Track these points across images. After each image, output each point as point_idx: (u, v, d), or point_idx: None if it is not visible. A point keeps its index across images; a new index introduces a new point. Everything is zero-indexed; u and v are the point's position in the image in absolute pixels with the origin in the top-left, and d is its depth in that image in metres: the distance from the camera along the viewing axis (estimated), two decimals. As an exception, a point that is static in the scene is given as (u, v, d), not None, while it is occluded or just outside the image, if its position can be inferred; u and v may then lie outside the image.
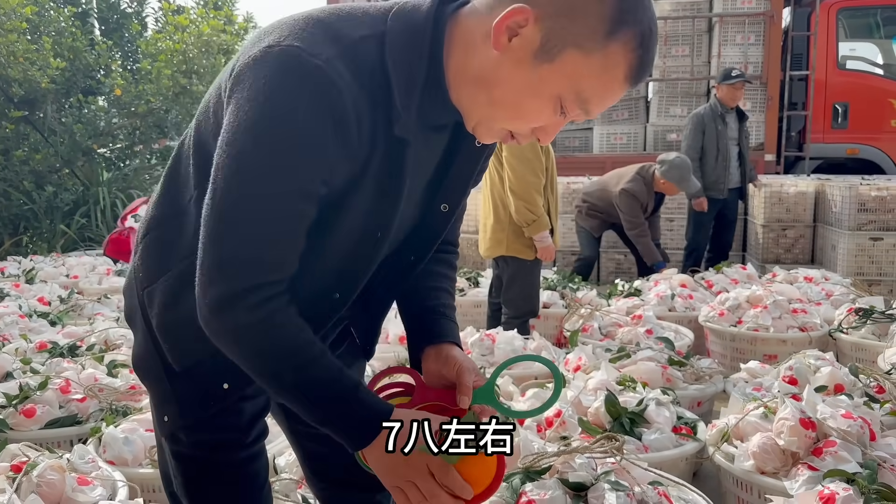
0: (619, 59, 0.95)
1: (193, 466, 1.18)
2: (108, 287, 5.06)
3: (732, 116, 5.55)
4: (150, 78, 8.35)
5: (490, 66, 0.98)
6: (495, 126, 1.04)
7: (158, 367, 1.14)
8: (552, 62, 0.95)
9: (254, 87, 0.93)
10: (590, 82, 0.96)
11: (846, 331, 3.52)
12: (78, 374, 2.62)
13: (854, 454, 1.92)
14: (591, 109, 1.00)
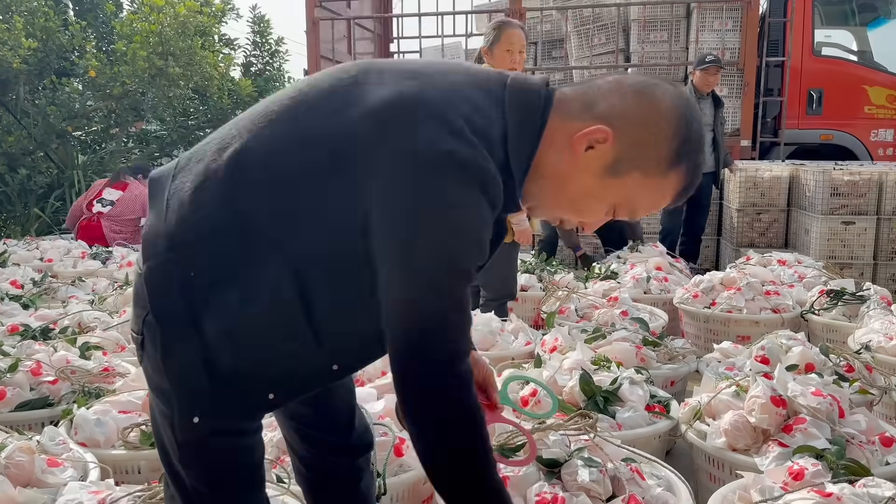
0: (672, 185, 1.13)
1: (205, 445, 1.18)
2: (82, 270, 5.01)
3: (707, 102, 5.61)
4: (126, 59, 8.21)
5: (564, 166, 1.12)
6: (552, 212, 1.20)
7: (202, 369, 1.12)
8: (618, 178, 1.11)
9: (434, 187, 1.01)
10: (644, 199, 1.14)
11: (818, 312, 3.57)
12: (49, 356, 2.59)
13: (823, 431, 1.95)
14: (637, 216, 1.19)
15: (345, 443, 1.45)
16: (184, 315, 1.11)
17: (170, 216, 1.14)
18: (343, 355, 1.16)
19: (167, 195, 1.17)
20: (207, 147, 1.18)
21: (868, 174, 5.23)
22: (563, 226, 1.22)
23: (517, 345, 3.13)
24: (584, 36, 7.87)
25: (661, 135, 1.09)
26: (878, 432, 2.04)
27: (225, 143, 1.15)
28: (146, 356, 1.18)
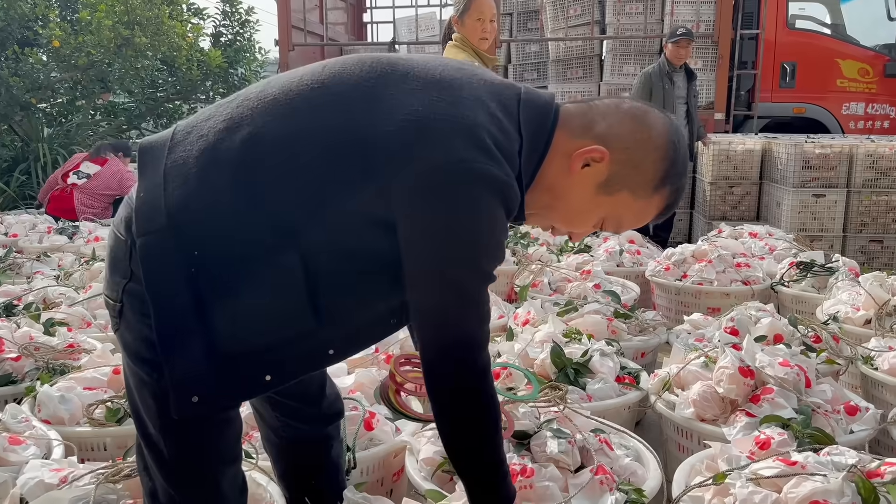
0: (657, 205, 1.24)
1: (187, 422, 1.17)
2: (48, 245, 4.91)
3: (681, 75, 5.60)
4: (91, 29, 7.98)
5: (563, 180, 1.21)
6: (545, 222, 1.28)
7: (200, 347, 1.11)
8: (609, 195, 1.21)
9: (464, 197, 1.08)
10: (630, 215, 1.25)
11: (787, 284, 3.61)
12: (12, 332, 2.53)
13: (790, 400, 1.97)
14: (620, 230, 1.32)
15: (315, 410, 1.48)
16: (184, 294, 1.11)
17: (171, 190, 1.12)
18: (341, 342, 1.20)
19: (164, 167, 1.14)
20: (212, 124, 1.16)
21: (839, 147, 5.27)
22: (553, 234, 1.32)
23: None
24: (559, 7, 7.80)
25: (650, 158, 1.19)
26: (843, 401, 2.07)
27: (235, 124, 1.14)
28: (124, 324, 1.17)
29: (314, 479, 1.53)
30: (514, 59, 8.11)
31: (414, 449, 1.88)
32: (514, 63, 8.10)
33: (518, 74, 8.08)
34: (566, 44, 7.79)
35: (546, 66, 7.96)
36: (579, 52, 7.80)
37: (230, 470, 1.27)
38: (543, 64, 8.01)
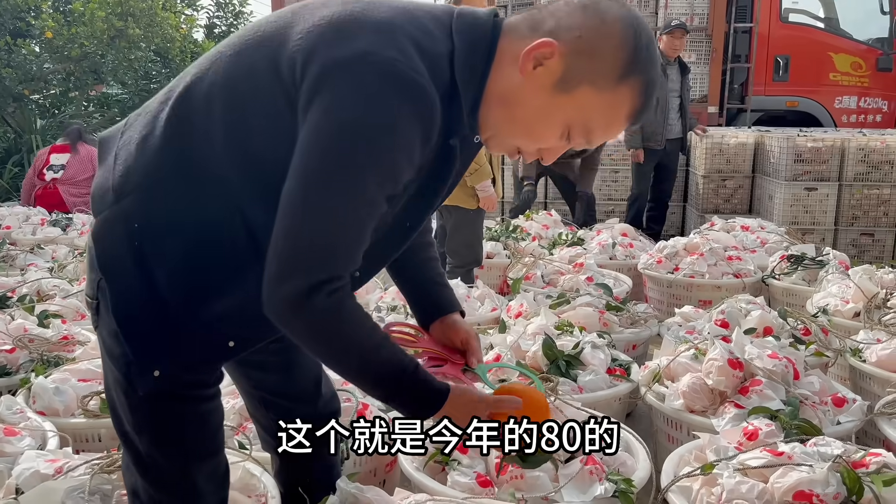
0: (625, 100, 1.08)
1: (162, 404, 1.17)
2: (41, 237, 4.91)
3: (675, 69, 5.63)
4: (84, 20, 7.95)
5: (514, 87, 1.08)
6: (507, 141, 1.14)
7: (157, 321, 1.11)
8: (568, 94, 1.06)
9: (353, 93, 0.98)
10: (597, 116, 1.09)
11: (778, 277, 3.63)
12: (6, 324, 2.54)
13: (778, 392, 2.00)
14: (593, 140, 1.13)
15: (310, 409, 1.44)
16: (132, 269, 1.10)
17: (117, 169, 1.13)
18: None
19: (115, 151, 1.15)
20: (154, 99, 1.16)
21: (831, 141, 5.30)
22: (521, 156, 1.17)
23: (483, 311, 3.14)
24: None
25: (608, 45, 1.05)
26: (830, 393, 2.10)
27: (170, 91, 1.13)
28: (101, 321, 1.17)
29: (308, 478, 1.51)
30: (509, 52, 8.10)
31: (406, 440, 1.89)
32: (509, 56, 8.10)
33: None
34: (560, 36, 7.79)
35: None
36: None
37: (208, 465, 1.25)
38: (538, 56, 8.00)
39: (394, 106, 0.99)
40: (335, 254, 1.02)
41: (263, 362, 1.39)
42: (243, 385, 1.46)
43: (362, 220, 1.02)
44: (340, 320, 1.05)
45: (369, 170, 1.00)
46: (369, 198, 1.01)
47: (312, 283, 1.00)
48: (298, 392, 1.44)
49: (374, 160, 1.00)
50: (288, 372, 1.41)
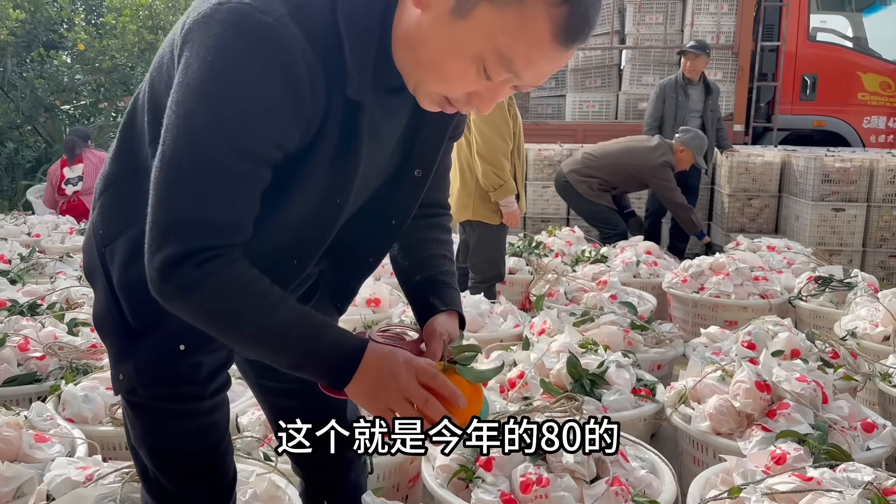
0: (538, 14, 0.87)
1: (150, 418, 1.18)
2: (70, 246, 4.98)
3: (698, 89, 5.65)
4: (115, 33, 8.11)
5: (414, 24, 0.95)
6: (427, 89, 0.99)
7: (118, 324, 1.13)
8: (467, 18, 0.90)
9: (202, 46, 0.90)
10: (508, 40, 0.89)
11: (805, 298, 3.60)
12: (37, 331, 2.59)
13: (806, 416, 1.97)
14: (521, 73, 0.93)
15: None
16: (101, 274, 1.13)
17: (97, 181, 1.17)
18: None
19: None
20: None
21: (859, 161, 5.24)
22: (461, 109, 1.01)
23: (506, 327, 3.14)
24: (578, 17, 7.81)
25: None
26: (860, 418, 2.07)
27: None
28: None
29: (334, 493, 1.49)
30: (533, 68, 8.12)
31: (430, 456, 1.90)
32: (533, 72, 8.11)
33: (536, 83, 8.09)
34: (585, 53, 7.81)
35: (564, 74, 7.98)
36: (598, 62, 7.81)
37: (208, 481, 1.22)
38: (562, 72, 8.02)
39: (239, 56, 0.89)
40: (199, 225, 0.94)
41: (283, 389, 1.37)
42: (266, 410, 1.46)
43: (226, 186, 0.93)
44: (217, 288, 0.96)
45: (218, 133, 0.91)
46: (226, 163, 0.92)
47: (176, 256, 0.94)
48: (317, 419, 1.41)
49: (222, 122, 0.90)
50: (307, 401, 1.35)
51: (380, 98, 1.02)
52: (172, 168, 0.93)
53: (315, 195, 1.04)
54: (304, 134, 0.97)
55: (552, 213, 6.62)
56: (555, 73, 6.54)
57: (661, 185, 5.03)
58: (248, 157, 0.93)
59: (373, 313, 3.26)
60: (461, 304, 1.27)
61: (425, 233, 1.28)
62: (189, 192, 0.93)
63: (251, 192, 0.96)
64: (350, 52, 0.95)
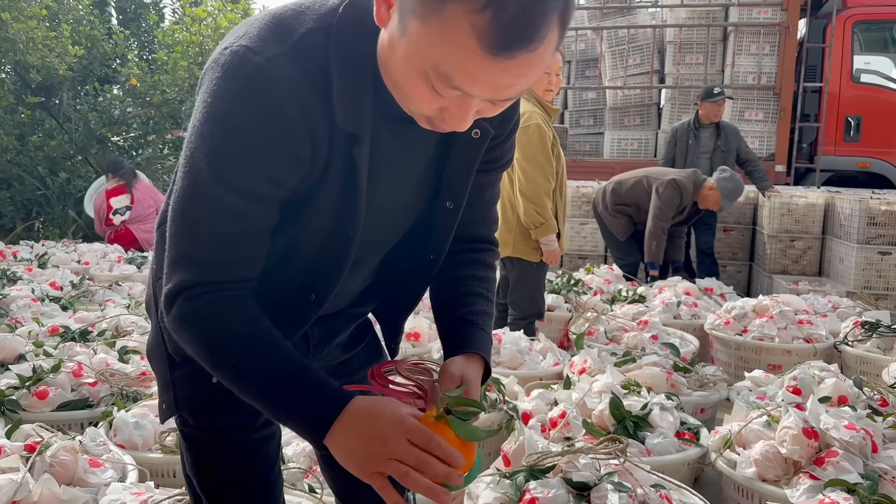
0: (457, 24, 0.81)
1: (201, 448, 1.21)
2: (118, 274, 5.12)
3: (709, 132, 5.73)
4: (166, 69, 8.40)
5: (381, 45, 0.95)
6: (408, 110, 0.96)
7: (163, 356, 1.18)
8: (405, 36, 0.87)
9: (206, 89, 0.94)
10: (438, 55, 0.85)
11: (851, 343, 3.53)
12: (90, 358, 2.66)
13: (855, 465, 1.94)
14: (464, 87, 0.87)
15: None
16: (153, 307, 1.19)
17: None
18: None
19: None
20: None
21: (905, 205, 5.16)
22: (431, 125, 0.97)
23: (545, 365, 3.14)
24: (618, 56, 7.89)
25: None
26: (911, 469, 2.02)
27: None
28: None
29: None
30: (571, 105, 8.19)
31: (472, 494, 1.90)
32: (571, 109, 8.19)
33: (574, 120, 8.16)
34: (624, 91, 7.85)
35: (603, 112, 8.03)
36: (637, 101, 7.85)
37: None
38: (600, 111, 8.07)
39: (232, 98, 0.92)
40: (194, 261, 0.98)
41: None
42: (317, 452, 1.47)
43: (220, 226, 0.96)
44: (201, 323, 0.99)
45: (215, 172, 0.94)
46: (223, 202, 0.95)
47: (175, 290, 0.99)
48: None
49: (218, 162, 0.93)
50: None
51: (392, 128, 1.03)
52: (179, 205, 0.98)
53: (326, 229, 1.05)
54: (308, 170, 0.99)
55: (590, 251, 6.62)
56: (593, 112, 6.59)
57: (656, 199, 4.93)
58: (244, 195, 0.95)
59: (412, 347, 3.29)
60: (489, 347, 1.19)
61: (464, 269, 1.25)
62: (190, 229, 0.98)
63: (250, 230, 0.99)
64: (336, 83, 0.95)
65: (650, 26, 7.83)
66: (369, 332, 1.38)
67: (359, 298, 1.27)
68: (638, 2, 8.25)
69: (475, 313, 1.21)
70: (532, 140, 3.35)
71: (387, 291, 1.28)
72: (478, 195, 1.23)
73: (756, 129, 7.30)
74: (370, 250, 1.17)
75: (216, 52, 0.97)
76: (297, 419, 0.98)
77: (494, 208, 1.31)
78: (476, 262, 1.27)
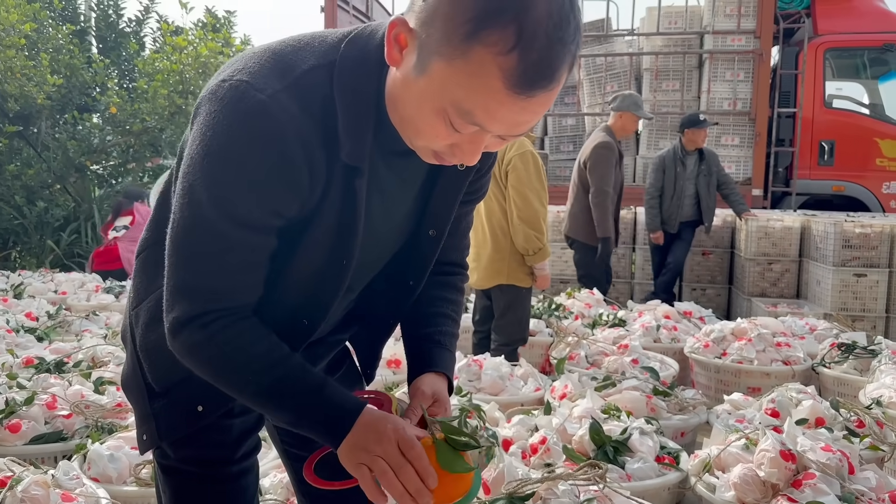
0: (484, 63, 0.85)
1: (180, 480, 1.20)
2: (96, 304, 5.06)
3: (693, 158, 5.90)
4: (146, 97, 8.41)
5: (392, 84, 0.98)
6: (415, 145, 1.00)
7: (141, 385, 1.17)
8: (425, 74, 0.91)
9: (204, 122, 0.96)
10: (463, 94, 0.89)
11: (829, 365, 3.56)
12: (64, 390, 2.63)
13: (833, 487, 1.95)
14: (484, 124, 0.91)
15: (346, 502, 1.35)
16: (129, 336, 1.19)
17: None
18: None
19: None
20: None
21: (880, 227, 5.24)
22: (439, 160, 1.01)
23: (526, 390, 3.13)
24: (596, 83, 8.00)
25: (450, 7, 0.87)
26: (888, 489, 2.03)
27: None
28: None
29: None
30: (551, 132, 8.28)
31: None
32: (551, 135, 8.27)
33: (555, 146, 8.24)
34: (602, 118, 7.94)
35: (582, 138, 8.09)
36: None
37: None
38: (580, 136, 8.15)
39: (233, 132, 0.94)
40: (200, 290, 1.00)
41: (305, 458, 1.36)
42: (290, 473, 1.43)
43: (224, 254, 0.99)
44: (218, 348, 1.02)
45: (216, 204, 0.96)
46: (224, 232, 0.97)
47: (182, 318, 1.01)
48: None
49: (219, 194, 0.96)
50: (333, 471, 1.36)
51: (389, 162, 1.07)
52: (179, 236, 0.99)
53: (320, 257, 1.07)
54: (306, 200, 1.01)
55: (570, 275, 6.63)
56: (572, 137, 6.69)
57: (593, 167, 4.93)
58: (244, 226, 0.98)
59: (393, 374, 3.27)
60: (453, 368, 1.27)
61: (435, 290, 1.28)
62: (192, 259, 1.00)
63: (251, 259, 1.01)
64: (342, 119, 0.98)
65: (627, 54, 7.95)
66: (347, 359, 1.38)
67: (340, 325, 1.28)
68: (615, 30, 8.38)
69: (443, 334, 1.26)
70: (528, 167, 3.42)
71: (366, 317, 1.28)
72: (456, 225, 1.26)
73: (733, 154, 7.40)
74: (358, 279, 1.19)
75: (213, 83, 0.99)
76: (318, 428, 1.05)
77: (468, 236, 1.35)
78: (447, 284, 1.30)
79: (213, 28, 9.61)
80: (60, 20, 9.62)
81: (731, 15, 7.48)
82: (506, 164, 3.45)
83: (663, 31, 7.80)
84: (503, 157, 3.45)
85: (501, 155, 3.43)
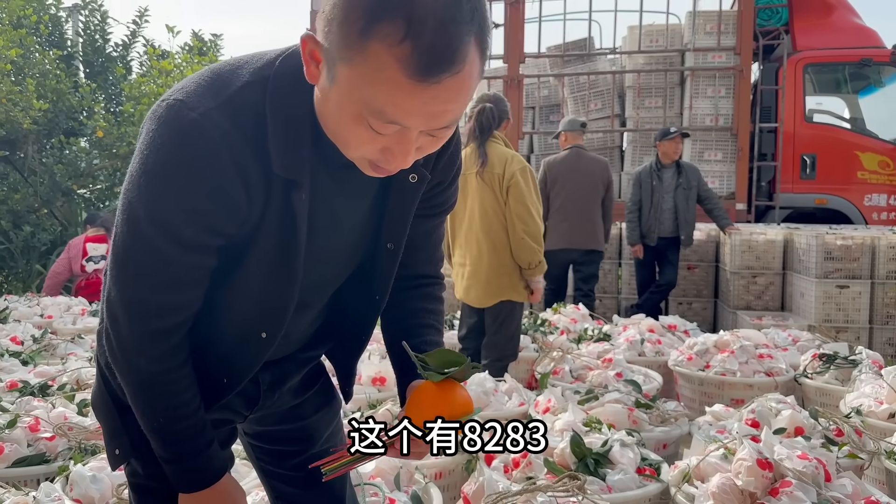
0: (381, 57, 0.86)
1: (151, 498, 1.20)
2: (81, 327, 5.05)
3: (671, 171, 6.00)
4: (133, 120, 8.42)
5: (316, 100, 0.99)
6: (351, 156, 1.00)
7: (108, 402, 1.19)
8: (335, 84, 0.92)
9: (143, 141, 0.98)
10: (368, 92, 0.89)
11: (810, 376, 3.59)
12: (48, 412, 2.62)
13: (809, 494, 1.97)
14: (400, 119, 0.91)
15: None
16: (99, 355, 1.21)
17: None
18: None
19: None
20: None
21: (861, 239, 5.30)
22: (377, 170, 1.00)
23: (511, 405, 3.15)
24: (580, 101, 8.08)
25: (340, 6, 0.88)
26: (864, 497, 2.06)
27: None
28: None
29: None
30: (537, 149, 8.34)
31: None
32: (537, 152, 8.33)
33: (540, 164, 8.29)
34: (587, 135, 8.01)
35: (568, 156, 8.16)
36: (600, 143, 8.01)
37: None
38: (566, 155, 8.21)
39: (166, 150, 0.96)
40: (130, 304, 1.05)
41: (285, 476, 1.38)
42: (268, 493, 1.45)
43: (161, 273, 1.02)
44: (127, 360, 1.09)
45: (152, 222, 0.98)
46: (160, 250, 1.00)
47: (119, 332, 1.07)
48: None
49: (155, 212, 0.98)
50: (310, 488, 1.36)
51: (334, 175, 1.07)
52: (119, 250, 1.03)
53: (266, 271, 1.08)
54: (245, 217, 1.02)
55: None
56: (557, 154, 6.79)
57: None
58: (181, 244, 1.00)
59: (378, 392, 3.28)
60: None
61: (416, 302, 1.29)
62: (127, 273, 1.03)
63: (189, 276, 1.04)
64: (271, 132, 0.99)
65: (610, 72, 8.05)
66: (322, 375, 1.40)
67: (309, 342, 1.29)
68: (597, 49, 8.49)
69: (428, 343, 1.26)
70: (528, 182, 3.50)
71: (337, 334, 1.30)
72: (426, 238, 1.28)
73: (716, 169, 7.49)
74: (315, 293, 1.20)
75: (156, 103, 1.01)
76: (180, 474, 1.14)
77: (441, 248, 1.36)
78: (427, 295, 1.31)
79: (199, 51, 9.66)
80: (47, 45, 9.64)
81: (711, 32, 7.60)
82: (507, 179, 3.47)
83: (645, 50, 7.92)
84: (504, 171, 3.48)
85: (502, 170, 3.46)
